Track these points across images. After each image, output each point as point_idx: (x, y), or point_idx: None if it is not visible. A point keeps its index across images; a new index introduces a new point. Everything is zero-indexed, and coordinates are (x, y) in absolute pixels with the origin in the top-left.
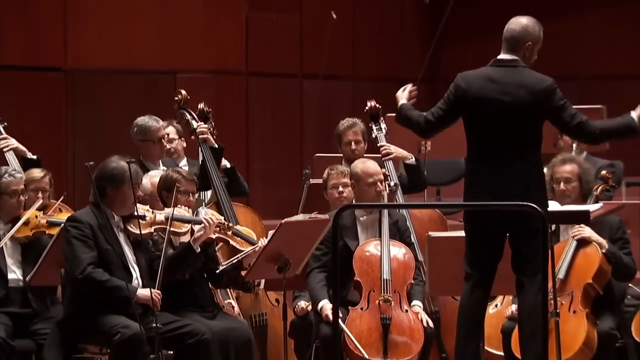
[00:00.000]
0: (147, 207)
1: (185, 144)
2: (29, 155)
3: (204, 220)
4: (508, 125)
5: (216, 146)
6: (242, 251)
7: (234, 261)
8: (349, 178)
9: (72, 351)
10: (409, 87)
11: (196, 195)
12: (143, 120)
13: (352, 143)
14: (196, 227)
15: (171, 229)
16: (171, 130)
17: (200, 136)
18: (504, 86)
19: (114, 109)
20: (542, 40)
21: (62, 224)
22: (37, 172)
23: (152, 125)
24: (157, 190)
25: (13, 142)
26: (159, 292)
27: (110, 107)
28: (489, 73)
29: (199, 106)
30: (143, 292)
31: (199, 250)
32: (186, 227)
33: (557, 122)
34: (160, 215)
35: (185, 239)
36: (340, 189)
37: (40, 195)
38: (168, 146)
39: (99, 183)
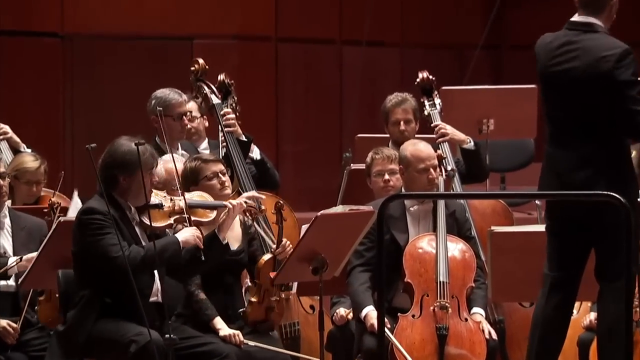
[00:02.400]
0: (164, 193)
1: (207, 123)
2: (23, 147)
3: (227, 204)
4: (576, 100)
5: (243, 138)
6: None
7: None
8: (397, 163)
9: None
10: None
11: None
12: (163, 92)
13: (401, 123)
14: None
15: (194, 217)
16: (193, 107)
17: (226, 129)
18: (572, 53)
19: (120, 81)
20: None
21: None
22: (30, 162)
23: (174, 99)
24: (184, 187)
25: (7, 130)
26: (197, 230)
27: (114, 80)
28: (559, 37)
29: (219, 78)
30: (184, 235)
31: (225, 241)
32: (212, 215)
33: (616, 102)
34: (180, 203)
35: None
36: (387, 176)
37: (35, 189)
38: (189, 125)
39: (110, 171)
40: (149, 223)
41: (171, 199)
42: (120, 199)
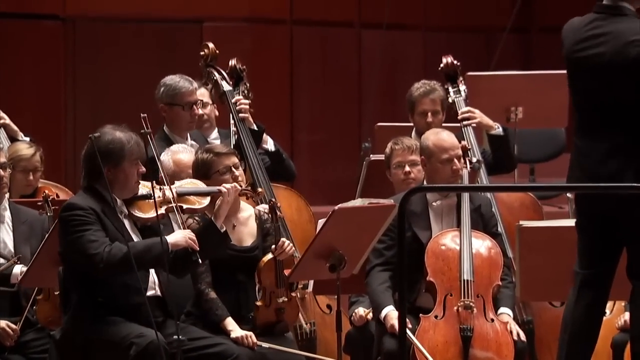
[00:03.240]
0: (151, 183)
1: (217, 112)
2: (21, 136)
3: (221, 188)
4: (603, 87)
5: (255, 127)
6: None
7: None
8: (419, 154)
9: None
10: None
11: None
12: (172, 79)
13: (429, 114)
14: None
15: (185, 205)
16: (204, 94)
17: (240, 114)
18: (599, 38)
19: (125, 67)
20: None
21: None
22: (25, 149)
23: (184, 87)
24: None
25: (4, 117)
26: (190, 232)
27: (119, 65)
28: (585, 21)
29: (230, 63)
30: (174, 237)
31: (224, 229)
32: (205, 201)
33: None
34: (169, 192)
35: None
36: (407, 168)
37: (31, 177)
38: (201, 112)
39: (92, 162)
40: (138, 215)
41: (160, 188)
42: (104, 191)
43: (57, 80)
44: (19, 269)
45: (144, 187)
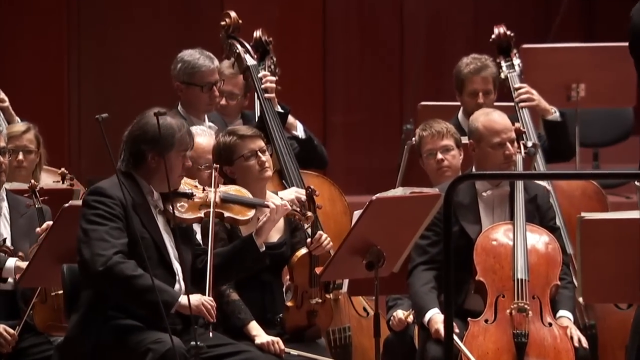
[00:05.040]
0: (196, 181)
1: (247, 102)
2: (17, 121)
3: (270, 204)
4: None
5: (279, 109)
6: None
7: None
8: (451, 137)
9: None
10: None
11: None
12: (191, 56)
13: (480, 95)
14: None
15: (227, 214)
16: (237, 84)
17: (265, 95)
18: None
19: (135, 40)
20: None
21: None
22: (18, 125)
23: (204, 65)
24: (217, 168)
25: (5, 101)
26: (211, 299)
27: (129, 38)
28: None
29: (255, 34)
30: (188, 299)
31: (263, 248)
32: (250, 213)
33: None
34: (213, 195)
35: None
36: (439, 155)
37: (21, 157)
38: (224, 102)
39: (137, 146)
40: (174, 213)
41: (204, 189)
42: (143, 181)
43: (60, 55)
44: (13, 262)
45: (186, 184)
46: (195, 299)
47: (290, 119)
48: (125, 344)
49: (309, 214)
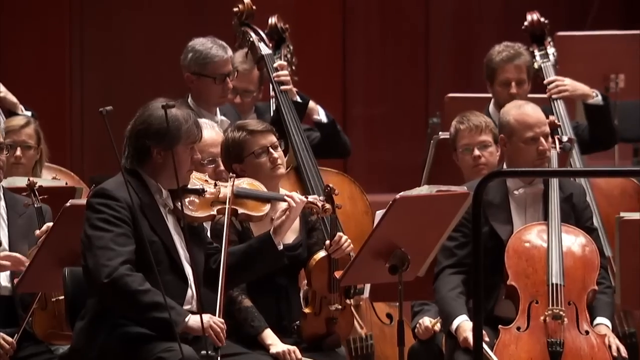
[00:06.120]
0: (206, 175)
1: (261, 95)
2: (21, 110)
3: (287, 199)
4: None
5: (298, 99)
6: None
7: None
8: (490, 132)
9: None
10: None
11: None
12: (203, 45)
13: (513, 84)
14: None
15: (241, 210)
16: (252, 79)
17: (282, 87)
18: None
19: (142, 26)
20: None
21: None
22: (17, 119)
23: (217, 55)
24: (225, 165)
25: (1, 91)
26: (221, 320)
27: (135, 25)
28: None
29: (270, 21)
30: (196, 322)
31: (281, 246)
32: (266, 208)
33: None
34: (227, 190)
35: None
36: (476, 151)
37: (19, 153)
38: (238, 100)
39: (141, 141)
40: (185, 212)
41: (215, 184)
42: (149, 178)
43: (61, 42)
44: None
45: (196, 180)
46: (205, 319)
47: (311, 103)
48: (134, 354)
49: (327, 205)
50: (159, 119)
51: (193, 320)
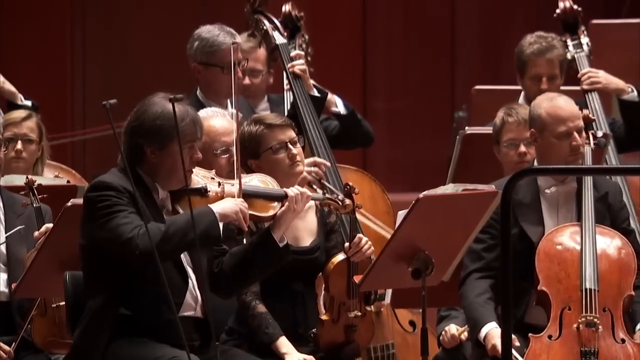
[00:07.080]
0: (211, 172)
1: (272, 80)
2: (21, 99)
3: (290, 192)
4: None
5: (315, 93)
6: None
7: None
8: (529, 125)
9: None
10: None
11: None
12: (210, 32)
13: (544, 79)
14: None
15: (250, 211)
16: (258, 58)
17: (295, 79)
18: None
19: (147, 15)
20: None
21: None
22: (18, 112)
23: (225, 42)
24: (241, 159)
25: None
26: (245, 205)
27: (140, 13)
28: None
29: (284, 9)
30: (223, 207)
31: (283, 242)
32: (276, 207)
33: None
34: (232, 188)
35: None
36: (522, 148)
37: (19, 146)
38: (247, 81)
39: (134, 139)
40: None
41: (219, 183)
42: (147, 177)
43: (62, 32)
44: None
45: (203, 177)
46: (228, 204)
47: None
48: None
49: (347, 201)
50: (152, 116)
51: (220, 207)
